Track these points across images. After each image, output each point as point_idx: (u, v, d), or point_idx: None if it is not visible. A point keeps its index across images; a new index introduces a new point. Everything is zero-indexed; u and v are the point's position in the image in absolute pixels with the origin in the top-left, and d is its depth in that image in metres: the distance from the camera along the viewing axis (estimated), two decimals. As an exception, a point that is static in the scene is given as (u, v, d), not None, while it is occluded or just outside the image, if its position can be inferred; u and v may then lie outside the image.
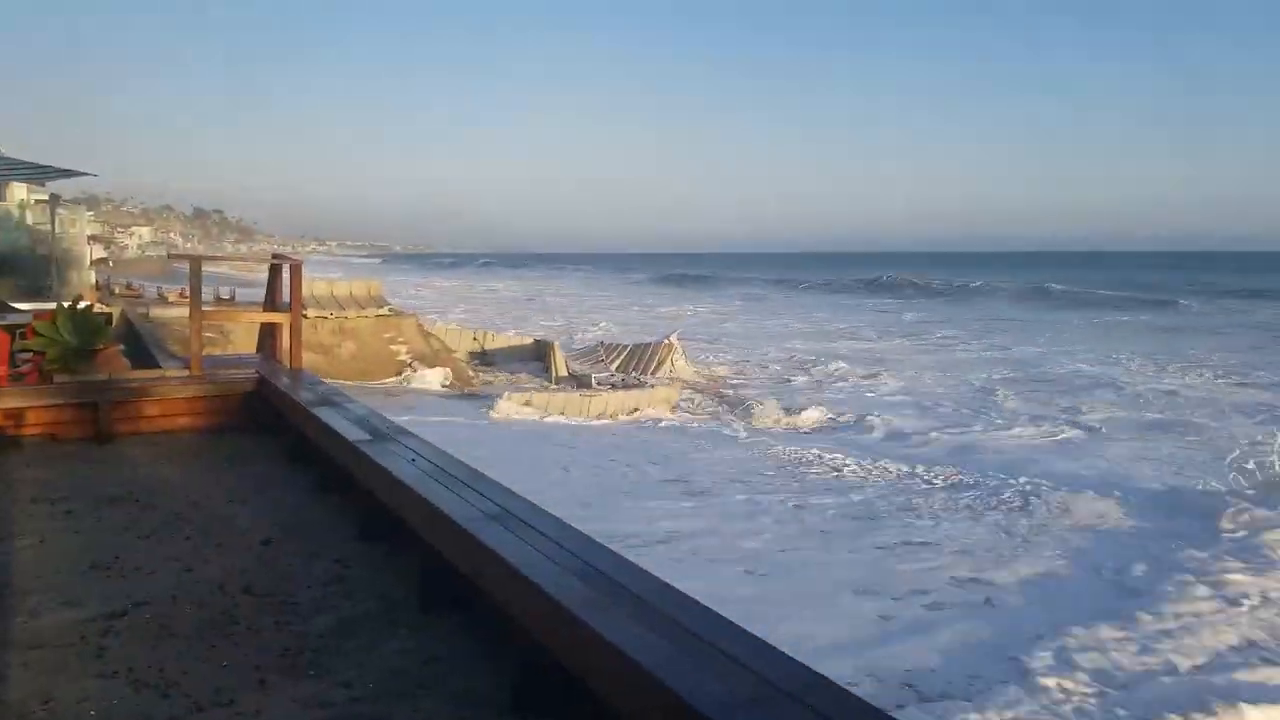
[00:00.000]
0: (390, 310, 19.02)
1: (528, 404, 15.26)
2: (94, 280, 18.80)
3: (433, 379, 17.89)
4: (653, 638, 2.04)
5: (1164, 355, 27.40)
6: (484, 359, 21.18)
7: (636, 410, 15.70)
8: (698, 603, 2.25)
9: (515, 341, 22.42)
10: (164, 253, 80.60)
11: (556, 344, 20.87)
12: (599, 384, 17.53)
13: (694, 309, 47.92)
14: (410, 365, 18.22)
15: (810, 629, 7.12)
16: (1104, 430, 16.30)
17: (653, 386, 16.99)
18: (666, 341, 20.47)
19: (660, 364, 19.29)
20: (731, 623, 2.14)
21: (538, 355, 20.70)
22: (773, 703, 1.75)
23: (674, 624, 2.12)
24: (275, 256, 7.65)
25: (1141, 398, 19.79)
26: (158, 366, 6.92)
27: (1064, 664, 6.79)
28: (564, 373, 19.40)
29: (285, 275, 7.22)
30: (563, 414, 15.23)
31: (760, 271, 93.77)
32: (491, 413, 15.18)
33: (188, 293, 7.02)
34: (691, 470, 12.76)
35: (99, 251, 35.36)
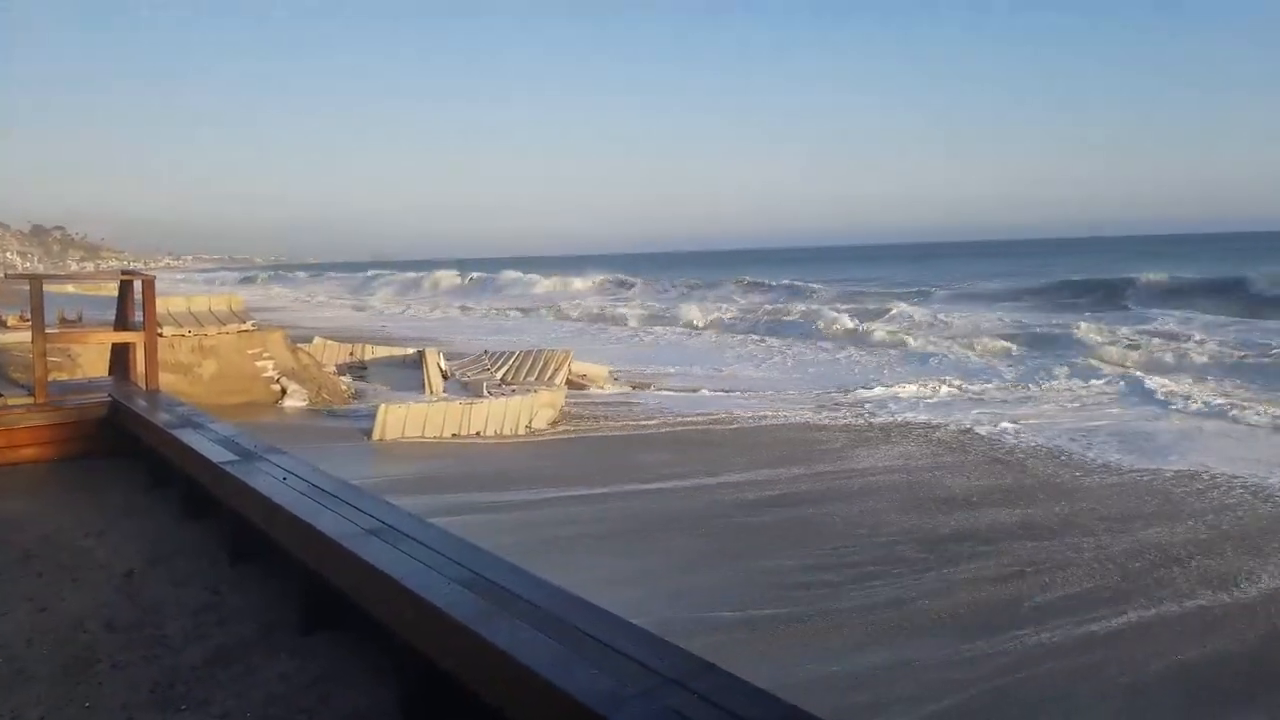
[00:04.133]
0: (255, 325, 18.15)
1: (405, 418, 14.65)
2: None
3: (296, 397, 17.05)
4: (544, 641, 2.06)
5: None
6: (360, 373, 20.50)
7: (521, 418, 15.30)
8: (590, 604, 2.28)
9: (395, 352, 21.73)
10: (-2, 273, 74.59)
11: (430, 350, 20.31)
12: (490, 392, 17.03)
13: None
14: (278, 382, 17.45)
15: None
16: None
17: (536, 392, 16.75)
18: (563, 351, 20.17)
19: (557, 371, 18.96)
20: (624, 620, 2.18)
21: (419, 366, 20.15)
22: (661, 692, 1.81)
23: (565, 626, 2.14)
24: (125, 273, 7.29)
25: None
26: (-4, 395, 6.41)
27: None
28: (438, 385, 18.88)
29: (137, 292, 6.85)
30: (442, 429, 14.67)
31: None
32: (367, 437, 13.68)
33: (28, 315, 6.56)
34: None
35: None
